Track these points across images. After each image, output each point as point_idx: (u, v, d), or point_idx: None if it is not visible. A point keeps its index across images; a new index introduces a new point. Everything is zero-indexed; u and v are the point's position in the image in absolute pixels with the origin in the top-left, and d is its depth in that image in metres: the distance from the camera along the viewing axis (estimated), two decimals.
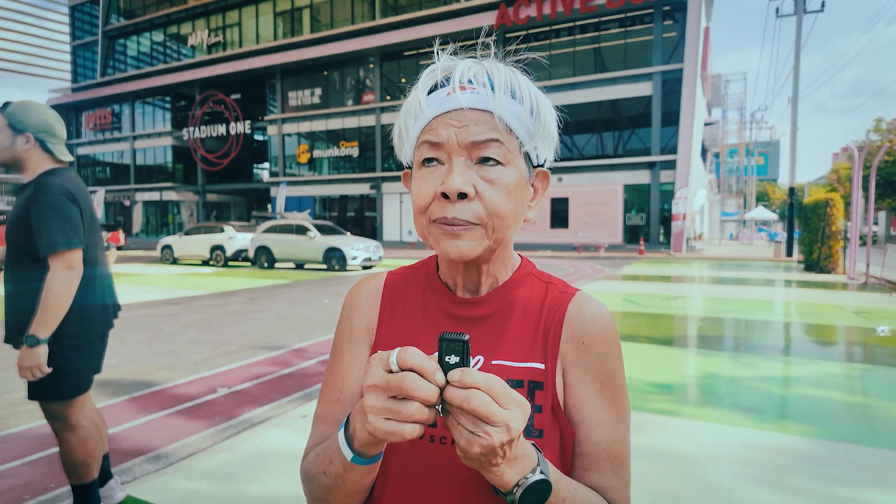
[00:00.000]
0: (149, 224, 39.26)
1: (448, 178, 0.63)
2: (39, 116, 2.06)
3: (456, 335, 0.53)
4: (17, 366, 2.04)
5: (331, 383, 0.76)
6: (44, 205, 1.95)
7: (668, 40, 23.72)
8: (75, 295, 2.04)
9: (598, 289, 10.92)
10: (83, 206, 2.07)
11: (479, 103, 0.64)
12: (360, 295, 0.79)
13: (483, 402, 0.50)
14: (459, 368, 0.52)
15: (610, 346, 0.71)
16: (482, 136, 0.64)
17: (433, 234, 0.66)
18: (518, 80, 0.67)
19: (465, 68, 0.66)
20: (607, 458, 0.69)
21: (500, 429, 0.51)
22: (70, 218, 1.99)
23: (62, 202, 1.98)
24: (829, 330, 6.97)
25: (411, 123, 0.68)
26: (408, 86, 0.70)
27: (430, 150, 0.66)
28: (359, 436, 0.57)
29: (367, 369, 0.54)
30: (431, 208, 0.65)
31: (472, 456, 0.52)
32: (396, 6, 29.87)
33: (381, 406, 0.52)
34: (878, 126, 30.54)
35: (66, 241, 1.97)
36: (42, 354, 2.03)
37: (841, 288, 11.43)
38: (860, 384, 4.59)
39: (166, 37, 37.75)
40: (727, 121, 54.50)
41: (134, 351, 5.63)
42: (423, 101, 0.66)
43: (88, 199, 2.14)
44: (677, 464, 2.94)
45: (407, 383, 0.51)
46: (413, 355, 0.52)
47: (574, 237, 25.19)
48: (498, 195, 0.64)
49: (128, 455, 3.06)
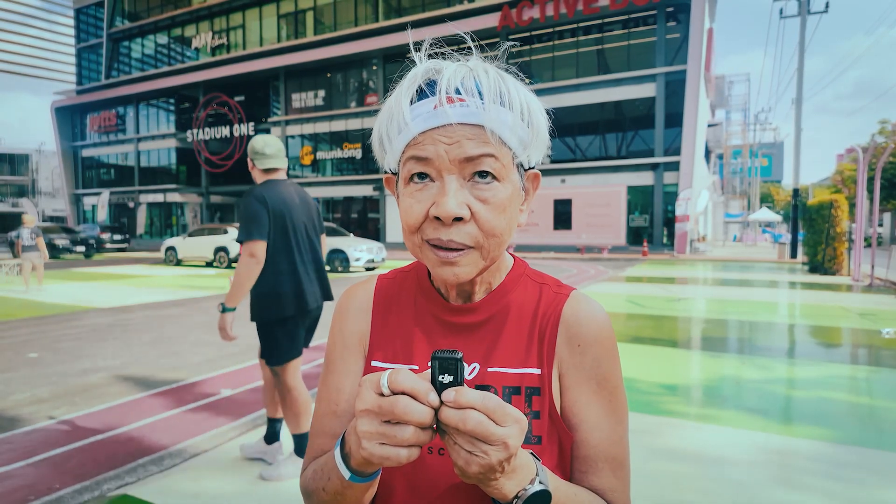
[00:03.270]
0: (153, 226, 39.35)
1: (441, 201, 0.60)
2: (253, 144, 2.71)
3: (449, 353, 0.51)
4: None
5: (325, 396, 0.75)
6: (240, 207, 2.59)
7: (671, 41, 23.67)
8: (268, 282, 2.59)
9: (602, 290, 10.90)
10: (272, 209, 2.56)
11: (469, 117, 0.60)
12: (350, 305, 0.77)
13: (479, 421, 0.49)
14: (454, 388, 0.50)
15: (606, 348, 0.70)
16: (476, 151, 0.60)
17: (427, 257, 0.64)
18: (507, 86, 0.62)
19: (451, 74, 0.61)
20: (606, 460, 0.68)
21: (498, 447, 0.50)
22: (255, 217, 2.50)
23: (251, 203, 2.53)
24: (834, 332, 6.93)
25: (394, 134, 0.64)
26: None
27: (418, 165, 0.62)
28: (355, 456, 0.55)
29: (359, 392, 0.53)
30: (424, 228, 0.63)
31: (470, 475, 0.52)
32: (400, 8, 29.91)
33: (374, 431, 0.51)
34: (884, 128, 30.45)
35: (248, 234, 2.49)
36: (227, 319, 2.60)
37: (846, 290, 11.37)
38: (866, 386, 4.57)
39: (170, 39, 37.87)
40: (731, 122, 54.37)
41: (138, 352, 5.65)
42: (406, 113, 0.62)
43: (284, 204, 2.62)
44: (680, 465, 2.93)
45: (400, 408, 0.49)
46: (404, 378, 0.50)
47: (577, 239, 25.14)
48: (493, 215, 0.62)
49: (132, 456, 3.07)
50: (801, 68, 21.69)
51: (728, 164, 54.37)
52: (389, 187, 0.72)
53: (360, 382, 0.53)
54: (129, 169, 39.85)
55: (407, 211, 0.63)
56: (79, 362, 5.22)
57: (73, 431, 3.44)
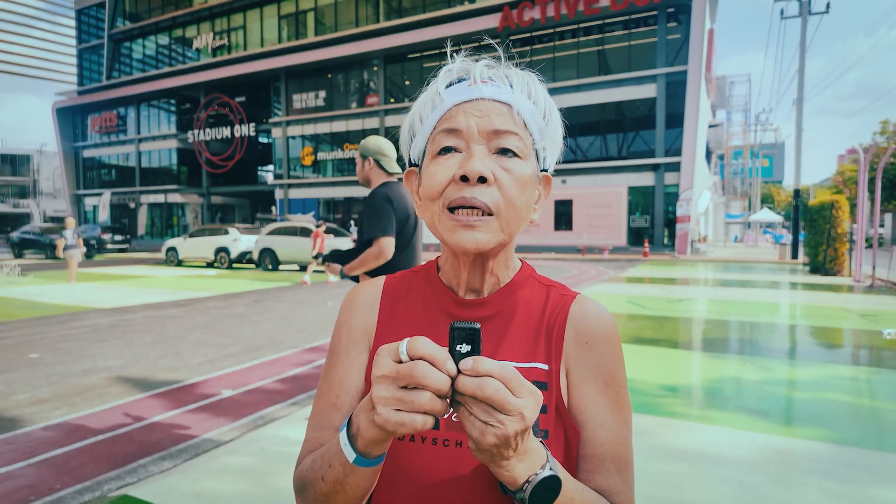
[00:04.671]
0: (153, 226, 39.39)
1: (468, 163, 0.63)
2: (375, 144, 2.82)
3: (467, 324, 0.51)
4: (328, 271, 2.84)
5: (327, 388, 0.74)
6: (369, 206, 2.70)
7: (672, 42, 23.66)
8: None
9: (603, 291, 10.89)
10: (397, 207, 2.71)
11: (500, 95, 0.66)
12: (358, 298, 0.77)
13: (497, 389, 0.49)
14: (471, 357, 0.51)
15: (613, 347, 0.71)
16: (503, 126, 0.65)
17: (445, 225, 0.66)
18: (535, 85, 0.69)
19: (484, 66, 0.68)
20: (612, 460, 0.68)
21: (514, 417, 0.50)
22: (385, 214, 2.67)
23: (381, 203, 2.69)
24: (836, 333, 6.93)
25: (427, 113, 0.69)
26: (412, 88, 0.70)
27: (448, 138, 0.66)
28: (364, 433, 0.55)
29: (376, 360, 0.53)
30: (447, 192, 0.65)
31: (485, 446, 0.51)
32: (400, 9, 29.92)
33: (391, 396, 0.51)
34: (885, 128, 30.42)
35: (382, 230, 2.65)
36: (336, 270, 2.80)
37: (847, 290, 11.36)
38: (866, 387, 4.56)
39: (171, 40, 37.91)
40: (732, 123, 54.31)
41: (139, 352, 5.65)
42: (442, 92, 0.68)
43: (404, 203, 2.77)
44: (680, 466, 2.92)
45: (418, 372, 0.49)
46: (423, 344, 0.50)
47: (578, 239, 25.13)
48: (514, 184, 0.65)
49: (133, 456, 3.07)
50: (802, 69, 21.68)
51: (729, 164, 54.33)
52: (408, 183, 0.75)
53: (378, 351, 0.53)
54: (130, 169, 39.89)
55: (431, 176, 0.66)
56: (80, 363, 5.22)
57: (73, 432, 3.45)
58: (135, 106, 38.96)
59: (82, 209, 42.70)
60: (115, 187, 40.05)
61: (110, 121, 40.34)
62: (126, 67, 40.29)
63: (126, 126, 39.85)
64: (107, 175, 41.81)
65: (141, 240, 37.54)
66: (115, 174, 41.30)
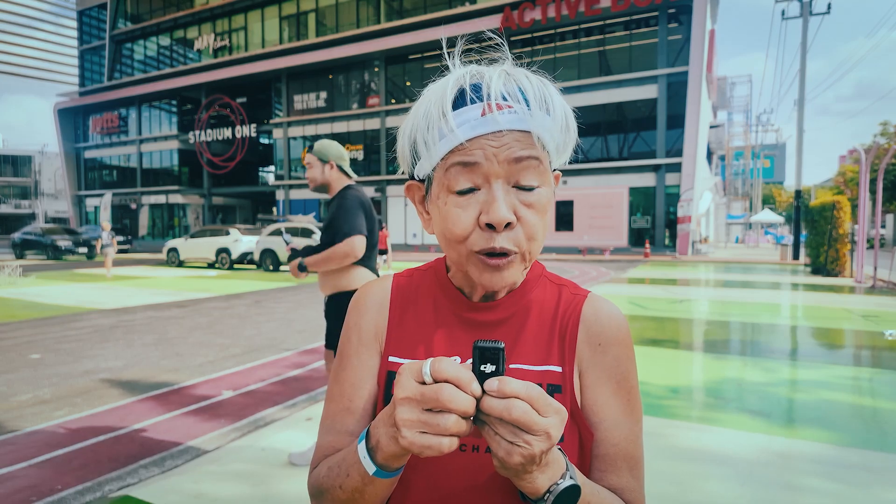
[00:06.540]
0: (155, 227, 39.44)
1: (492, 208, 0.61)
2: (336, 149, 2.82)
3: (492, 343, 0.51)
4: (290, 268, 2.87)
5: (338, 392, 0.73)
6: (342, 206, 2.73)
7: (673, 43, 23.66)
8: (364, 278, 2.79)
9: (604, 292, 10.88)
10: (367, 211, 2.78)
11: (518, 124, 0.61)
12: (367, 300, 0.76)
13: (524, 411, 0.49)
14: (497, 377, 0.50)
15: (625, 348, 0.71)
16: (524, 153, 0.62)
17: (474, 265, 0.64)
18: (549, 92, 0.64)
19: (496, 80, 0.62)
20: (624, 460, 0.69)
21: (541, 437, 0.50)
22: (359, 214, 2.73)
23: (355, 204, 2.74)
24: (837, 334, 6.92)
25: (433, 141, 0.63)
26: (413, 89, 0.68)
27: (465, 174, 0.62)
28: (385, 448, 0.55)
29: (398, 380, 0.52)
30: (473, 239, 0.63)
31: (511, 466, 0.51)
32: (401, 10, 29.95)
33: (416, 419, 0.50)
34: (886, 129, 30.40)
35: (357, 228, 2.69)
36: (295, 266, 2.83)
37: (848, 291, 11.35)
38: (869, 388, 4.56)
39: (173, 41, 37.98)
40: (733, 123, 54.36)
41: (140, 353, 5.65)
42: (451, 119, 0.61)
43: (370, 208, 2.84)
44: (682, 466, 2.92)
45: (444, 396, 0.49)
46: (448, 366, 0.50)
47: (579, 240, 25.12)
48: (536, 219, 0.63)
49: (133, 457, 3.07)
50: (804, 70, 21.66)
51: (730, 165, 54.34)
52: (410, 194, 0.72)
53: (400, 371, 0.53)
54: (132, 170, 39.95)
55: (454, 220, 0.63)
56: (81, 363, 5.23)
57: (75, 432, 3.45)
58: (136, 107, 39.04)
59: (84, 210, 42.77)
60: (117, 188, 40.12)
61: (112, 122, 40.42)
62: (127, 68, 40.36)
63: (127, 127, 39.92)
64: (108, 176, 41.88)
65: (142, 240, 37.61)
66: (116, 175, 41.37)
